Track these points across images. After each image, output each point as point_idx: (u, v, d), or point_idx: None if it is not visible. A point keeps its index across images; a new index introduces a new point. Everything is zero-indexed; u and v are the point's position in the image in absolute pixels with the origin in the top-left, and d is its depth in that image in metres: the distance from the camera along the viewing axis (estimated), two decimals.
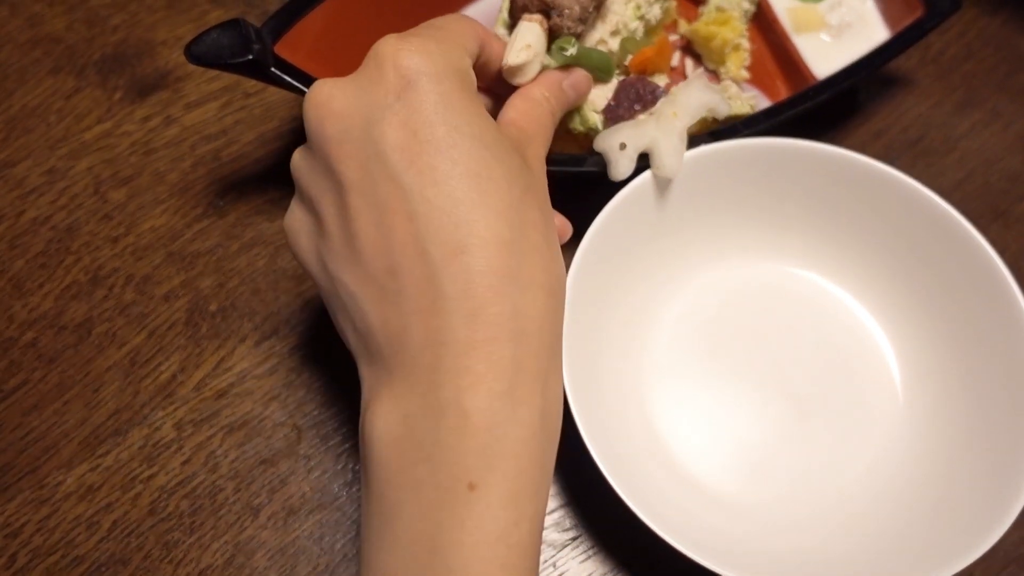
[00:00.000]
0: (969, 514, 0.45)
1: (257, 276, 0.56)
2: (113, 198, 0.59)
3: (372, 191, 0.34)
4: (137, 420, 0.52)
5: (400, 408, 0.34)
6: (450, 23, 0.39)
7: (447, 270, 0.33)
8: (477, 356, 0.33)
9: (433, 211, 0.33)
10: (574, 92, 0.46)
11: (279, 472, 0.51)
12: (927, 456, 0.49)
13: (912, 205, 0.51)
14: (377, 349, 0.35)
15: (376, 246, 0.34)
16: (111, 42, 0.64)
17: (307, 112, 0.37)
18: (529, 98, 0.42)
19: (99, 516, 0.50)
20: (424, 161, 0.34)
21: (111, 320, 0.55)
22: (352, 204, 0.35)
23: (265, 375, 0.54)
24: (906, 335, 0.53)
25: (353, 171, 0.35)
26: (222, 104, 0.62)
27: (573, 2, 0.46)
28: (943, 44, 0.68)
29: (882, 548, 0.46)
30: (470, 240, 0.33)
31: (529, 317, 0.34)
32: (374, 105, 0.35)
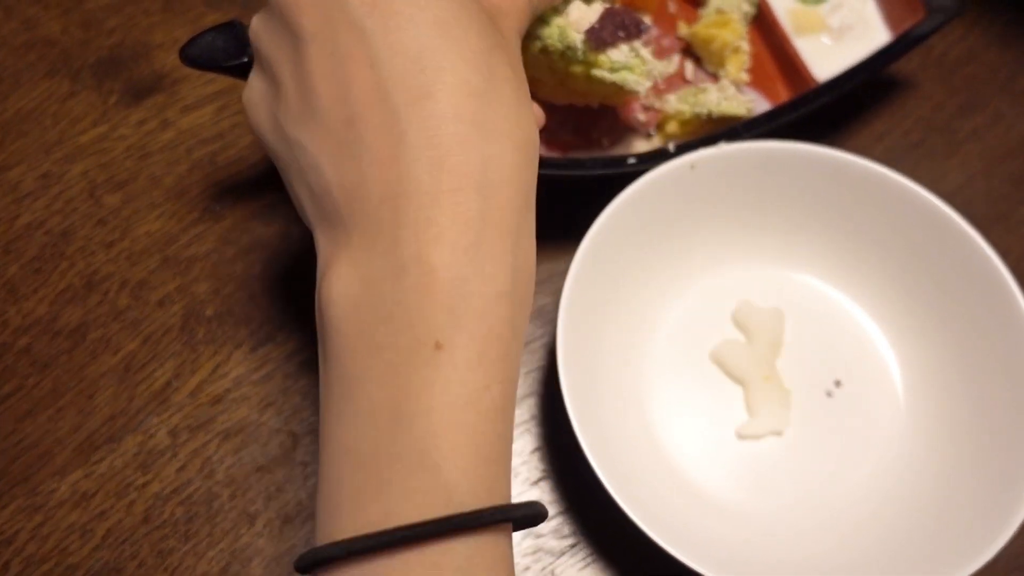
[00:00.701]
0: (972, 522, 0.44)
1: (253, 281, 0.56)
2: (108, 202, 0.58)
3: (332, 41, 0.32)
4: (132, 427, 0.52)
5: (359, 270, 0.31)
6: None
7: (410, 116, 0.31)
8: (441, 207, 0.30)
9: (396, 56, 0.31)
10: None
11: (275, 479, 0.51)
12: (929, 463, 0.49)
13: (914, 209, 0.50)
14: (334, 208, 0.32)
15: (334, 97, 0.32)
16: (107, 45, 0.64)
17: None
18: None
19: (93, 524, 0.49)
20: (388, 6, 0.32)
21: (106, 326, 0.54)
22: (310, 56, 0.33)
23: (261, 381, 0.53)
24: (908, 340, 0.53)
25: (311, 21, 0.33)
26: (218, 107, 0.62)
27: None
28: (945, 46, 0.68)
29: (884, 556, 0.46)
30: (436, 86, 0.31)
31: (497, 169, 0.32)
32: None
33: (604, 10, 0.48)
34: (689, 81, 0.62)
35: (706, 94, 0.56)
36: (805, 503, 0.49)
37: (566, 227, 0.49)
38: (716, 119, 0.56)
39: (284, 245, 0.57)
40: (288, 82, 0.34)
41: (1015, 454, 0.45)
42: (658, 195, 0.51)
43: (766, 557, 0.46)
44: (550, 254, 0.57)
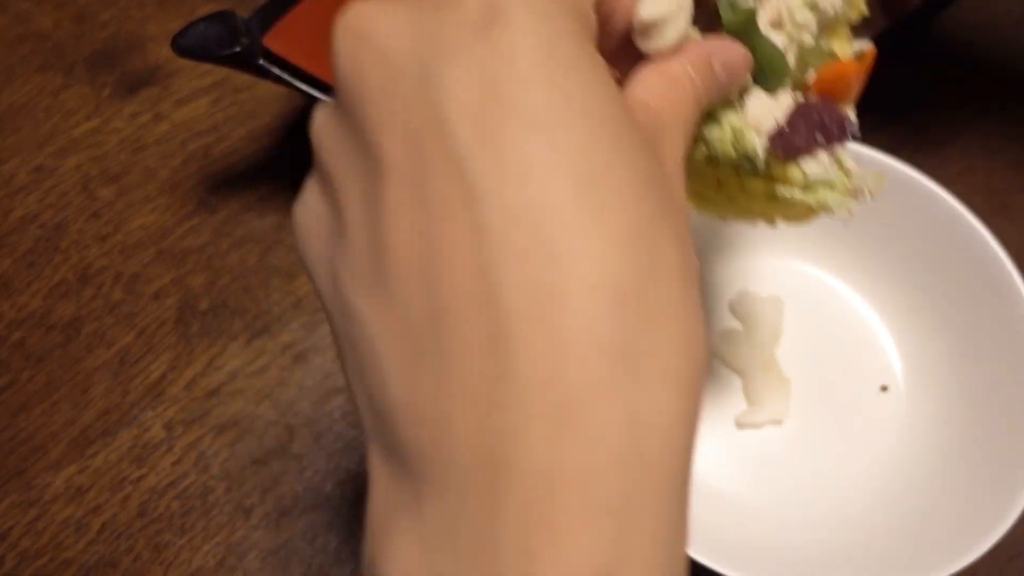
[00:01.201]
0: (971, 510, 0.44)
1: (248, 274, 0.56)
2: (102, 196, 0.58)
3: (421, 181, 0.21)
4: (126, 420, 0.51)
5: (429, 556, 0.20)
6: None
7: (525, 334, 0.19)
8: (564, 499, 0.19)
9: (513, 226, 0.20)
10: (726, 75, 0.30)
11: (271, 472, 0.50)
12: (928, 452, 0.48)
13: (914, 196, 0.50)
14: (399, 442, 0.21)
15: (416, 272, 0.21)
16: (100, 38, 0.63)
17: (337, 44, 0.23)
18: (667, 74, 0.27)
19: (88, 518, 0.49)
20: (508, 142, 0.20)
21: (100, 319, 0.54)
22: (389, 198, 0.21)
23: (256, 374, 0.53)
24: (907, 329, 0.52)
25: (396, 146, 0.21)
26: (212, 100, 0.61)
27: None
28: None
29: (883, 545, 0.45)
30: (569, 284, 0.20)
31: (650, 431, 0.20)
32: (440, 42, 0.21)
33: (796, 106, 0.35)
34: None
35: None
36: (804, 492, 0.49)
37: None
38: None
39: (279, 237, 0.57)
40: (356, 225, 0.22)
41: (1015, 442, 0.44)
42: None
43: (764, 545, 0.46)
44: None
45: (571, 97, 0.21)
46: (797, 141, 0.34)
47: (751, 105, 0.33)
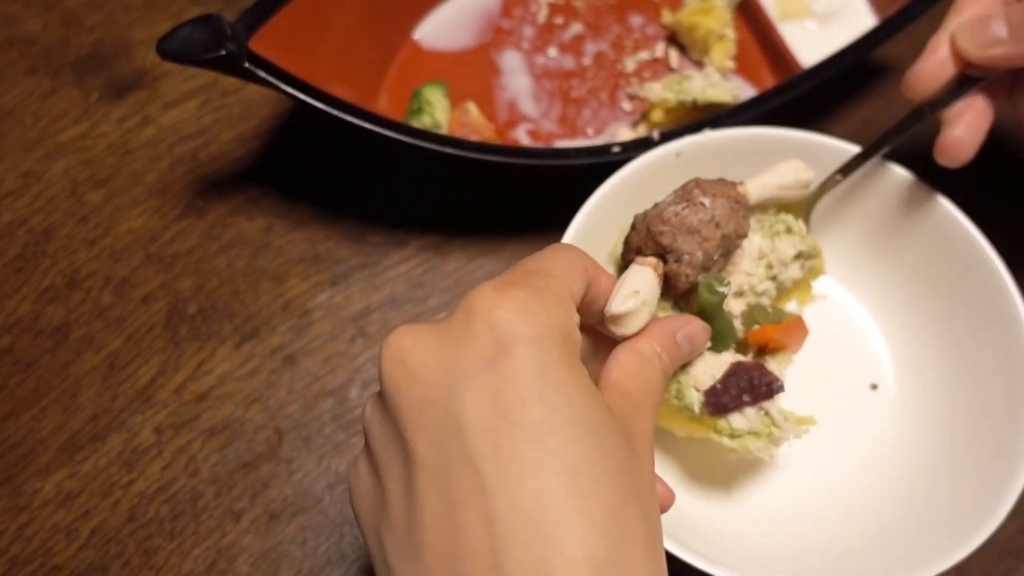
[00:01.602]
0: (963, 507, 0.44)
1: (237, 277, 0.56)
2: (90, 200, 0.58)
3: (445, 476, 0.28)
4: (116, 425, 0.51)
5: None
6: (556, 264, 0.33)
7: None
8: None
9: (516, 515, 0.27)
10: (689, 346, 0.38)
11: (260, 475, 0.50)
12: (920, 450, 0.48)
13: (903, 194, 0.50)
14: None
15: (442, 546, 0.28)
16: (87, 42, 0.63)
17: (383, 365, 0.31)
18: (638, 353, 0.35)
19: (78, 523, 0.49)
20: (512, 449, 0.27)
21: (89, 324, 0.54)
22: (421, 487, 0.29)
23: (246, 377, 0.53)
24: (898, 326, 0.52)
25: (426, 446, 0.29)
26: (200, 103, 0.61)
27: (695, 247, 0.40)
28: (932, 30, 0.67)
29: (876, 543, 0.45)
30: (556, 560, 0.26)
31: None
32: (460, 370, 0.29)
33: (731, 366, 0.42)
34: (674, 69, 0.61)
35: (690, 81, 0.55)
36: (797, 491, 0.48)
37: (552, 219, 0.49)
38: (701, 106, 0.55)
39: (268, 240, 0.57)
40: (396, 499, 0.30)
41: (1005, 440, 0.44)
42: (643, 183, 0.50)
43: (759, 544, 0.46)
44: (538, 246, 0.57)
45: (559, 411, 0.28)
46: (726, 400, 0.41)
47: (696, 364, 0.42)
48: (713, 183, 0.42)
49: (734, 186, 0.43)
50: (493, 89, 0.60)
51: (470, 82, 0.60)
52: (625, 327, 0.36)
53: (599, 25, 0.63)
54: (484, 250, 0.57)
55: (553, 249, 0.34)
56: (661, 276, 0.40)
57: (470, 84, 0.60)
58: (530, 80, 0.61)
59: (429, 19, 0.62)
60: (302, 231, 0.57)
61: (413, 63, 0.61)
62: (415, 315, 0.55)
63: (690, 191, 0.42)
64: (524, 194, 0.58)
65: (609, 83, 0.61)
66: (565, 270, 0.33)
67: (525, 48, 0.62)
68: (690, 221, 0.40)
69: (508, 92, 0.60)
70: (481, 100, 0.59)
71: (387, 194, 0.58)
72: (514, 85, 0.60)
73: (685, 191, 0.42)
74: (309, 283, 0.56)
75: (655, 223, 0.41)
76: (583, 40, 0.63)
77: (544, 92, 0.60)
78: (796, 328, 0.46)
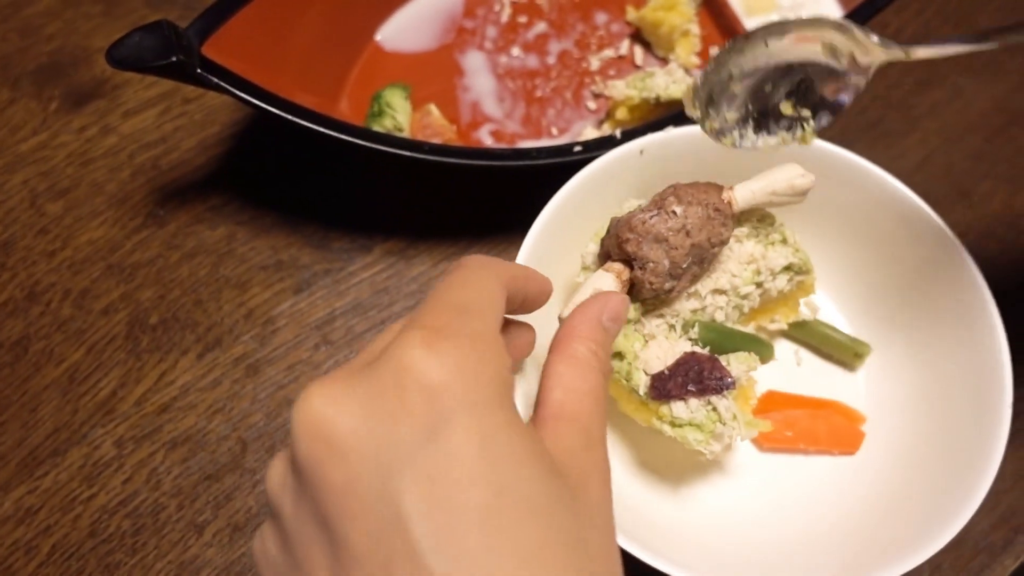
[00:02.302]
0: (935, 504, 0.43)
1: (199, 286, 0.55)
2: (50, 211, 0.57)
3: (387, 570, 0.25)
4: (76, 439, 0.50)
5: None
6: (479, 295, 0.30)
7: None
8: None
9: None
10: (615, 325, 0.36)
11: (224, 487, 0.49)
12: (890, 446, 0.48)
13: (867, 187, 0.49)
14: None
15: None
16: (46, 51, 0.62)
17: (299, 440, 0.26)
18: (575, 361, 0.33)
19: (38, 540, 0.48)
20: (458, 540, 0.25)
21: (48, 337, 0.53)
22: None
23: (208, 387, 0.52)
24: (866, 321, 0.52)
25: (361, 538, 0.25)
26: (160, 111, 0.60)
27: (661, 256, 0.40)
28: (901, 22, 0.67)
29: (845, 540, 0.45)
30: None
31: None
32: (393, 448, 0.25)
33: (684, 355, 0.42)
34: (639, 66, 0.61)
35: (653, 79, 0.55)
36: (767, 491, 0.48)
37: (517, 221, 0.48)
38: (665, 103, 0.55)
39: (230, 247, 0.56)
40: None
41: (975, 435, 0.44)
42: (609, 181, 0.49)
43: (726, 544, 0.45)
44: (502, 248, 0.56)
45: (504, 491, 0.25)
46: (671, 387, 0.40)
47: (653, 345, 0.42)
48: (693, 189, 0.42)
49: (719, 192, 0.42)
50: (456, 90, 0.60)
51: (433, 84, 0.60)
52: None
53: (563, 23, 0.63)
54: (449, 254, 0.56)
55: (469, 270, 0.31)
56: (626, 283, 0.40)
57: (433, 86, 0.59)
58: (493, 80, 0.60)
59: (391, 21, 0.62)
60: (265, 238, 0.56)
61: (375, 65, 0.60)
62: (379, 321, 0.54)
63: (664, 198, 0.41)
64: (489, 197, 0.57)
65: (574, 82, 0.60)
66: (489, 300, 0.30)
67: (488, 48, 0.61)
68: (658, 229, 0.40)
69: (471, 93, 0.59)
70: (444, 102, 0.58)
71: (351, 199, 0.58)
72: (477, 86, 0.60)
73: (660, 197, 0.41)
74: (272, 291, 0.55)
75: (623, 230, 0.41)
76: (547, 39, 0.62)
77: (508, 92, 0.60)
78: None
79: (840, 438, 0.49)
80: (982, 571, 0.48)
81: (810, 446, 0.49)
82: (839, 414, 0.49)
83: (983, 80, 0.65)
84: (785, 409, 0.49)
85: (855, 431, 0.49)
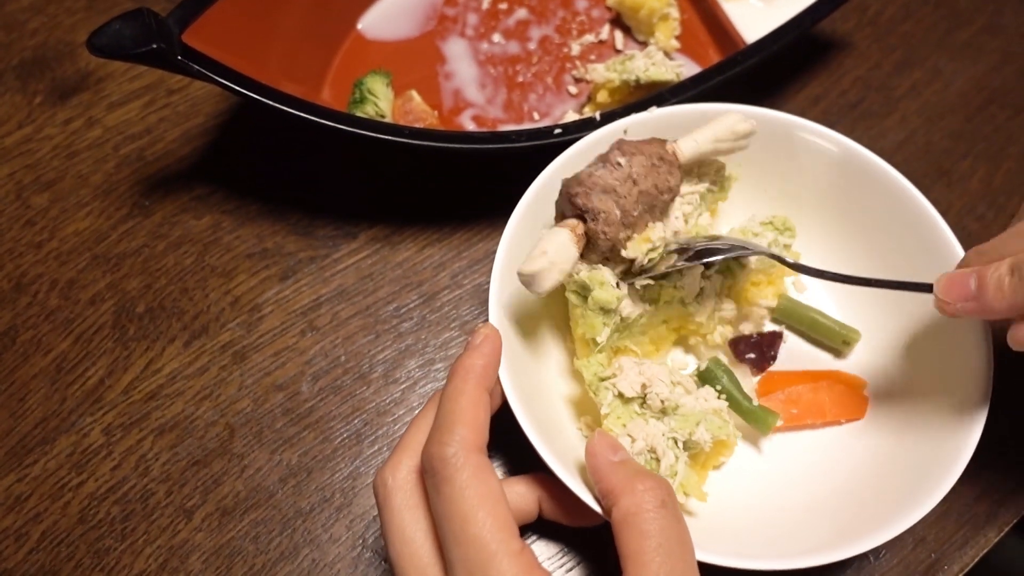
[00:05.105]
0: (915, 475, 0.43)
1: (186, 275, 0.55)
2: (35, 203, 0.57)
3: None
4: (64, 427, 0.51)
5: None
6: (492, 535, 0.35)
7: None
8: None
9: None
10: (623, 452, 0.40)
11: (212, 472, 0.50)
12: (871, 423, 0.48)
13: (847, 163, 0.50)
14: None
15: None
16: (30, 46, 0.63)
17: None
18: (627, 523, 0.36)
19: (28, 527, 0.48)
20: None
21: (36, 327, 0.53)
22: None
23: (196, 375, 0.52)
24: (847, 299, 0.52)
25: None
26: (145, 103, 0.61)
27: (611, 205, 0.41)
28: (880, 5, 0.68)
29: (826, 515, 0.45)
30: None
31: None
32: None
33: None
34: (620, 51, 0.61)
35: (633, 61, 0.55)
36: (746, 463, 0.48)
37: (500, 205, 0.48)
38: (645, 85, 0.55)
39: (215, 236, 0.56)
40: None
41: (957, 409, 0.44)
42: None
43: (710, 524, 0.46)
44: (486, 232, 0.57)
45: None
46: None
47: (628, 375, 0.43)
48: (636, 143, 0.43)
49: (662, 144, 0.43)
50: (438, 77, 0.60)
51: (415, 71, 0.60)
52: (537, 286, 0.40)
53: (544, 10, 0.63)
54: (433, 239, 0.56)
55: (473, 508, 0.35)
56: (581, 236, 0.41)
57: (415, 73, 0.60)
58: (475, 67, 0.60)
59: (373, 9, 0.62)
60: (250, 227, 0.57)
61: (357, 54, 0.61)
62: (365, 307, 0.54)
63: (609, 152, 0.42)
64: (472, 182, 0.58)
65: (555, 67, 0.61)
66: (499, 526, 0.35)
67: (470, 35, 0.62)
68: (605, 181, 0.41)
69: (453, 79, 0.60)
70: (426, 88, 0.59)
71: (335, 187, 0.58)
72: (459, 72, 0.60)
73: (606, 153, 0.42)
74: (258, 278, 0.55)
75: (572, 185, 0.41)
76: (528, 25, 0.62)
77: (489, 78, 0.60)
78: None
79: (846, 406, 0.49)
80: (966, 543, 0.49)
81: (817, 419, 0.49)
82: (840, 382, 0.49)
83: (963, 61, 0.65)
84: (786, 387, 0.49)
85: (859, 396, 0.49)
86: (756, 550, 0.42)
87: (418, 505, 0.38)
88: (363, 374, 0.52)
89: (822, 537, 0.43)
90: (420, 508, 0.38)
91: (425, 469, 0.37)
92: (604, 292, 0.42)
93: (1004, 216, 0.58)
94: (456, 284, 0.55)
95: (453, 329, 0.54)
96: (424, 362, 0.53)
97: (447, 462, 0.36)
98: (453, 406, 0.38)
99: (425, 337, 0.53)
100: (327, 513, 0.48)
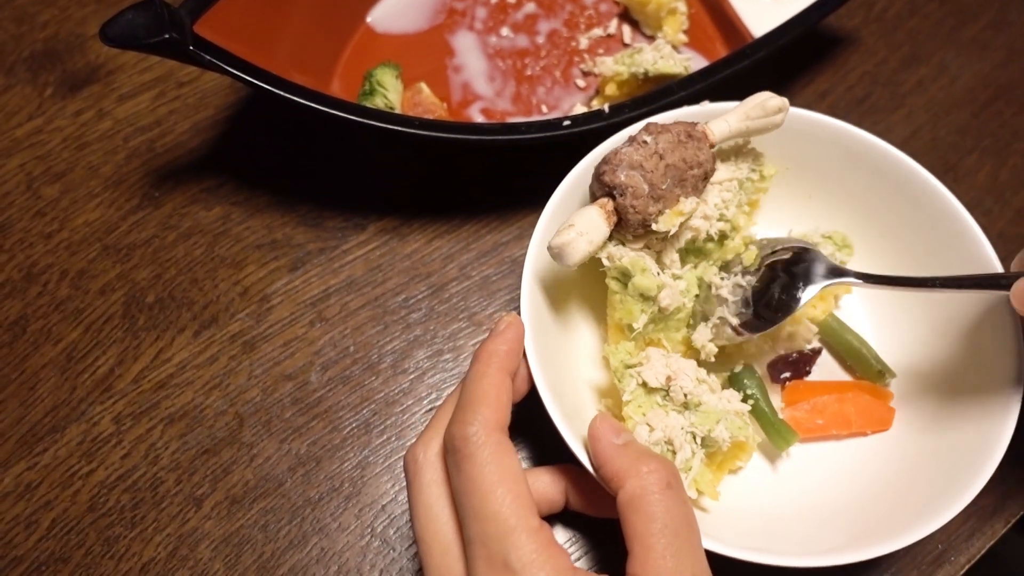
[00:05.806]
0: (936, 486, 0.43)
1: (195, 265, 0.55)
2: (46, 194, 0.58)
3: None
4: (75, 416, 0.51)
5: None
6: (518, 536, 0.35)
7: None
8: None
9: None
10: (627, 435, 0.40)
11: (221, 461, 0.50)
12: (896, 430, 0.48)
13: (861, 156, 0.50)
14: None
15: None
16: (40, 38, 0.63)
17: None
18: (633, 506, 0.36)
19: (38, 515, 0.49)
20: None
21: (46, 316, 0.54)
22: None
23: (205, 364, 0.52)
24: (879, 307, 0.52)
25: None
26: (155, 95, 0.61)
27: (638, 180, 0.41)
28: (887, 1, 0.68)
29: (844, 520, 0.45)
30: None
31: None
32: None
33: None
34: (627, 45, 0.62)
35: (641, 54, 0.55)
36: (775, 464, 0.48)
37: (509, 197, 0.49)
38: (653, 78, 0.55)
39: (225, 227, 0.56)
40: None
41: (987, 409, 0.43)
42: None
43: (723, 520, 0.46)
44: (494, 226, 0.57)
45: None
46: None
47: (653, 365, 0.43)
48: (664, 125, 0.43)
49: (691, 124, 0.43)
50: (447, 70, 0.60)
51: (424, 64, 0.60)
52: (567, 258, 0.40)
53: (552, 4, 0.63)
54: (442, 231, 0.57)
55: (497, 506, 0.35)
56: (611, 213, 0.41)
57: (424, 66, 0.60)
58: (484, 60, 0.61)
59: (382, 3, 0.62)
60: (260, 218, 0.57)
61: (367, 47, 0.61)
62: (374, 297, 0.54)
63: (637, 134, 0.43)
64: (480, 174, 0.58)
65: (563, 60, 0.61)
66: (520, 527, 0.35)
67: (478, 29, 0.62)
68: (631, 157, 0.41)
69: (462, 72, 0.60)
70: (435, 81, 0.59)
71: (344, 178, 0.58)
72: (468, 65, 0.60)
73: (634, 135, 0.43)
74: (267, 269, 0.55)
75: (600, 165, 0.42)
76: (536, 19, 0.63)
77: (498, 71, 0.60)
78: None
79: (872, 418, 0.48)
80: (972, 535, 0.49)
81: (843, 430, 0.48)
82: (867, 393, 0.49)
83: (969, 57, 0.65)
84: (812, 397, 0.49)
85: (885, 408, 0.49)
86: (773, 545, 0.42)
87: (447, 482, 0.38)
88: (372, 364, 0.52)
89: (838, 539, 0.43)
90: (448, 485, 0.38)
91: (447, 448, 0.38)
92: (645, 279, 0.42)
93: (1010, 211, 0.59)
94: (464, 276, 0.55)
95: (461, 320, 0.54)
96: (432, 352, 0.53)
97: (468, 440, 0.36)
98: (475, 388, 0.39)
99: (433, 328, 0.54)
100: (336, 502, 0.49)
